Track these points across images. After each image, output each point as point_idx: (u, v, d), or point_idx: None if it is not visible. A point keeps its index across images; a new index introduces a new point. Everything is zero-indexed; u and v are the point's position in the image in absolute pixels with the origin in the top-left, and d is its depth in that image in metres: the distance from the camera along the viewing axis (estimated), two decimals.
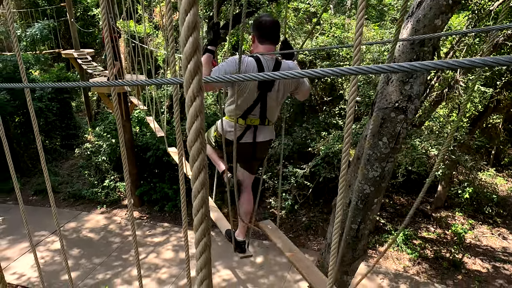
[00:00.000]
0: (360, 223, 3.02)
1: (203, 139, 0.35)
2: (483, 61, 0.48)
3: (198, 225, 0.35)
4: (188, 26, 0.30)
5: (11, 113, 9.51)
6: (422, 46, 2.68)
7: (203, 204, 0.35)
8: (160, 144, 8.17)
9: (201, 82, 0.33)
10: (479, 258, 7.02)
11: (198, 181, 0.34)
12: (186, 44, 0.31)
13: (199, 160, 0.34)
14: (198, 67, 0.32)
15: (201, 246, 0.36)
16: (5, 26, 12.94)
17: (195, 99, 0.33)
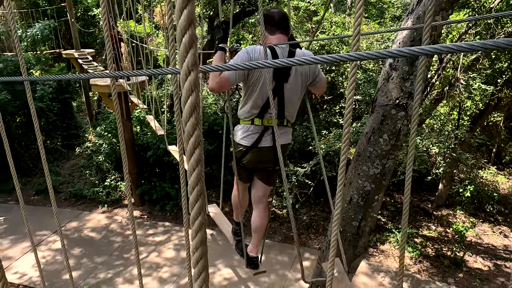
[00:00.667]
0: (361, 220, 3.03)
1: (198, 115, 0.35)
2: (482, 44, 0.48)
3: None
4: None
5: (12, 113, 9.53)
6: (422, 43, 2.68)
7: (198, 181, 0.35)
8: (160, 143, 8.18)
9: (195, 57, 0.33)
10: (480, 256, 7.02)
11: (193, 158, 0.34)
12: (180, 17, 0.31)
13: (194, 136, 0.34)
14: (193, 40, 0.32)
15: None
16: (6, 26, 12.95)
17: (190, 73, 0.33)
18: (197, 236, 0.42)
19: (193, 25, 0.35)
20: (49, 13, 13.48)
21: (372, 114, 2.87)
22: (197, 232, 0.42)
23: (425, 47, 0.52)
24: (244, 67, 0.63)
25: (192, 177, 0.35)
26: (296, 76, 2.21)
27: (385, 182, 3.01)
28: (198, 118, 0.35)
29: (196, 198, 0.35)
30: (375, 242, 7.30)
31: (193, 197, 0.35)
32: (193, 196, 0.35)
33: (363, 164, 2.90)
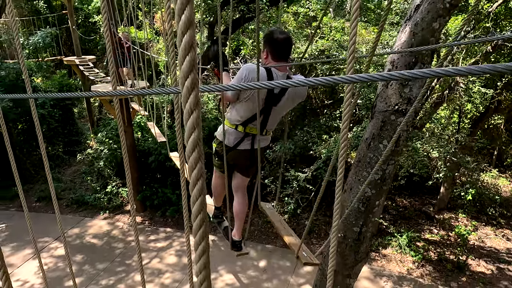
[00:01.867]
0: (362, 225, 3.03)
1: (200, 149, 0.37)
2: (481, 68, 0.49)
3: (197, 229, 0.37)
4: (185, 46, 0.32)
5: (14, 120, 9.58)
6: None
7: (201, 210, 0.36)
8: (162, 149, 8.20)
9: (198, 97, 0.34)
10: (483, 259, 6.99)
11: (196, 188, 0.36)
12: (183, 63, 0.33)
13: (197, 169, 0.36)
14: (194, 83, 0.34)
15: (200, 251, 0.37)
16: (8, 34, 13.05)
17: (193, 112, 0.35)
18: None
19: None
20: (51, 21, 13.59)
21: (372, 120, 2.89)
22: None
23: (415, 71, 0.54)
24: (240, 88, 0.65)
25: (196, 205, 0.36)
26: (287, 101, 2.40)
27: (385, 187, 3.02)
28: (200, 152, 0.36)
29: (200, 225, 0.36)
30: (377, 246, 7.28)
31: (196, 224, 0.36)
32: (197, 223, 0.36)
33: (363, 170, 2.91)
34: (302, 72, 7.73)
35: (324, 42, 7.38)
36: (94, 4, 14.47)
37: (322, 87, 7.80)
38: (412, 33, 2.69)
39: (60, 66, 14.68)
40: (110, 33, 1.11)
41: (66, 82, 11.69)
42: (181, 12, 0.32)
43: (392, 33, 7.47)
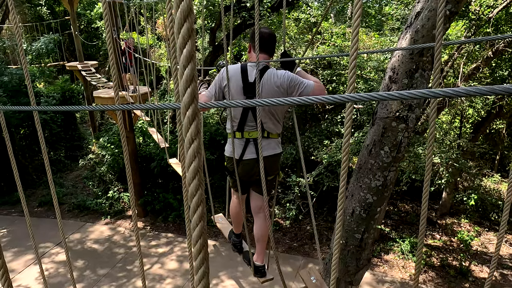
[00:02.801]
0: (364, 232, 3.02)
1: (201, 177, 0.37)
2: (479, 90, 0.50)
3: (197, 254, 0.37)
4: (186, 79, 0.33)
5: (17, 125, 9.63)
6: (421, 56, 2.71)
7: (201, 235, 0.37)
8: (163, 154, 8.22)
9: (198, 126, 0.35)
10: (486, 265, 6.94)
11: (196, 214, 0.36)
12: (184, 95, 0.34)
13: (197, 196, 0.36)
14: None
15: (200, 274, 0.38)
16: (11, 40, 13.15)
17: (193, 141, 0.35)
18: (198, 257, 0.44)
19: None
20: (53, 26, 13.70)
21: (373, 126, 2.89)
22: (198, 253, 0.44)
23: (413, 92, 0.54)
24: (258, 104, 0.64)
25: (196, 231, 0.37)
26: (266, 91, 2.28)
27: (387, 194, 3.01)
28: (201, 179, 0.37)
29: (199, 249, 0.36)
30: (379, 252, 7.24)
31: (196, 249, 0.37)
32: (196, 248, 0.36)
33: (364, 176, 2.90)
34: None
35: (325, 48, 7.41)
36: (97, 10, 14.58)
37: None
38: (412, 39, 2.70)
39: (63, 72, 14.78)
40: (112, 40, 1.12)
41: (68, 87, 11.76)
42: (183, 47, 0.32)
43: (393, 39, 7.50)
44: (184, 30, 0.32)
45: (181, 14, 0.31)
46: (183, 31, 0.32)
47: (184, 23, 0.31)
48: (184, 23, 0.31)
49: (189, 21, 0.31)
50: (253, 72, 2.29)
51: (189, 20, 0.31)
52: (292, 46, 7.80)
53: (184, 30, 0.32)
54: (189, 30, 0.32)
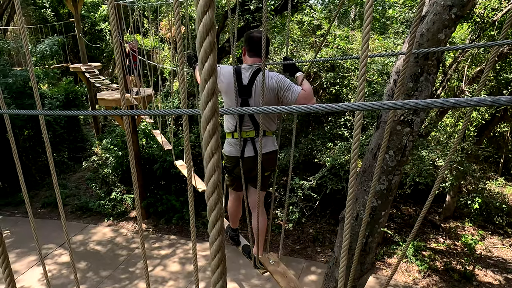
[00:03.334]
0: (368, 236, 3.00)
1: (220, 190, 0.37)
2: (483, 100, 0.50)
3: (215, 268, 0.36)
4: (207, 71, 0.32)
5: (20, 126, 9.67)
6: (426, 60, 2.70)
7: (219, 250, 0.36)
8: (166, 156, 8.23)
9: (218, 141, 0.35)
10: (490, 269, 6.89)
11: (215, 228, 0.36)
12: (205, 109, 0.33)
13: (216, 209, 0.36)
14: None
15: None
16: (16, 42, 13.24)
17: (213, 155, 0.35)
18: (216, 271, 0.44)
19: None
20: (58, 28, 13.78)
21: (377, 130, 2.88)
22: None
23: (419, 101, 0.53)
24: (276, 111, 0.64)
25: (214, 246, 0.36)
26: (259, 93, 2.33)
27: (391, 198, 3.00)
28: (220, 193, 0.37)
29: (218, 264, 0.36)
30: (382, 255, 7.21)
31: (214, 263, 0.36)
32: (215, 262, 0.36)
33: (369, 180, 2.89)
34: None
35: (329, 50, 7.41)
36: (100, 12, 14.67)
37: (326, 95, 7.82)
38: (417, 43, 2.69)
39: (67, 73, 14.85)
40: (120, 44, 1.12)
41: (72, 89, 11.81)
42: (205, 60, 0.32)
43: (396, 41, 7.49)
44: (206, 44, 0.31)
45: (203, 28, 0.31)
46: (205, 45, 0.31)
47: (206, 37, 0.31)
48: (206, 37, 0.31)
49: (211, 35, 0.31)
50: (246, 74, 2.39)
51: (211, 34, 0.31)
52: (296, 49, 7.80)
53: (206, 44, 0.31)
54: (211, 44, 0.31)
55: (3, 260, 0.80)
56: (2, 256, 0.78)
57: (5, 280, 0.99)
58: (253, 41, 2.38)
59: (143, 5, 6.63)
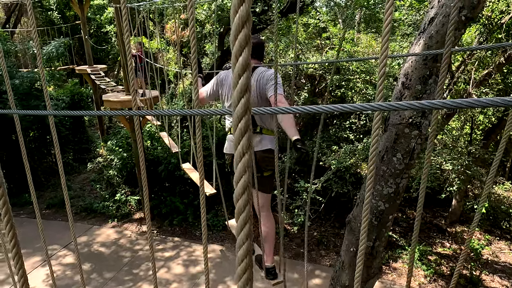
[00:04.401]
0: (375, 240, 2.97)
1: (250, 191, 0.35)
2: (492, 101, 0.48)
3: (241, 274, 0.34)
4: (241, 66, 0.30)
5: (26, 127, 9.72)
6: (435, 62, 2.67)
7: (247, 255, 0.35)
8: (171, 158, 8.23)
9: (250, 139, 0.33)
10: (497, 275, 6.80)
11: (243, 232, 0.34)
12: (238, 105, 0.32)
13: (245, 212, 0.34)
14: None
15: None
16: (22, 44, 13.35)
17: (244, 155, 0.33)
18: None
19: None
20: (64, 31, 13.89)
21: (385, 132, 2.85)
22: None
23: (425, 102, 0.52)
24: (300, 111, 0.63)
25: (241, 250, 0.34)
26: (258, 87, 2.48)
27: (398, 201, 2.96)
28: (249, 194, 0.35)
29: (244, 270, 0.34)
30: (387, 260, 7.15)
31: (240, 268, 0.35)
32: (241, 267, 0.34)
33: (376, 184, 2.86)
34: (311, 83, 7.73)
35: (334, 53, 7.38)
36: (106, 14, 14.76)
37: (332, 98, 7.79)
38: (426, 45, 2.67)
39: (72, 75, 14.94)
40: (124, 47, 1.11)
41: (77, 90, 11.87)
42: (239, 54, 0.31)
43: (403, 44, 7.45)
44: (241, 36, 0.30)
45: (239, 20, 0.29)
46: (240, 38, 0.30)
47: (242, 29, 0.29)
48: (242, 29, 0.29)
49: (247, 27, 0.30)
50: None
51: (247, 26, 0.29)
52: (301, 51, 7.79)
53: (241, 36, 0.30)
54: (246, 37, 0.30)
55: (17, 261, 0.80)
56: (17, 257, 0.77)
57: (18, 281, 0.98)
58: (252, 44, 2.49)
59: (149, 7, 6.66)
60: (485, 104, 0.60)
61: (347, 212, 3.38)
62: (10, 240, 0.93)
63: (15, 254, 0.78)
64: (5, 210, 0.89)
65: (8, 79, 1.47)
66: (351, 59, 6.69)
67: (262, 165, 2.57)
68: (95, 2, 15.27)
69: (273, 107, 0.58)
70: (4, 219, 0.91)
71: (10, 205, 0.91)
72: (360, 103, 0.57)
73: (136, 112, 0.72)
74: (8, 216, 0.88)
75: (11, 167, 9.16)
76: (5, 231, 0.92)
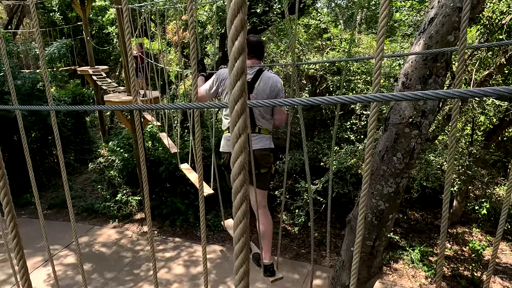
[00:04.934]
0: (375, 239, 2.97)
1: (246, 173, 0.36)
2: (495, 90, 0.49)
3: (238, 253, 0.36)
4: (237, 71, 0.32)
5: (28, 128, 9.76)
6: (435, 62, 2.68)
7: (243, 233, 0.35)
8: (172, 158, 8.24)
9: (246, 121, 0.34)
10: (498, 276, 6.79)
11: (240, 211, 0.35)
12: (234, 88, 0.33)
13: (242, 191, 0.35)
14: (244, 107, 0.33)
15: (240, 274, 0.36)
16: (24, 45, 13.41)
17: (241, 135, 0.34)
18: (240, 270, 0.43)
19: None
20: (66, 32, 13.94)
21: (385, 132, 2.86)
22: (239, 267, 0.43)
23: (429, 92, 0.53)
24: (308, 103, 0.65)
25: (238, 229, 0.35)
26: (261, 90, 2.63)
27: (398, 201, 2.97)
28: (246, 175, 0.36)
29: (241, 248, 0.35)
30: (388, 260, 7.14)
31: (238, 247, 0.35)
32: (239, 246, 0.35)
33: (376, 183, 2.87)
34: (312, 84, 7.74)
35: (335, 54, 7.40)
36: (108, 16, 14.81)
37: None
38: (426, 45, 2.67)
39: (74, 76, 14.99)
40: (127, 48, 1.12)
41: (79, 91, 11.92)
42: (235, 38, 0.32)
43: (403, 45, 7.46)
44: (237, 21, 0.31)
45: (235, 5, 0.30)
46: (236, 22, 0.31)
47: (237, 14, 0.31)
48: (237, 14, 0.31)
49: (243, 12, 0.31)
50: (250, 72, 2.66)
51: (243, 11, 0.31)
52: (302, 52, 7.80)
53: (237, 21, 0.31)
54: (242, 21, 0.31)
55: (19, 259, 0.81)
56: (21, 261, 0.78)
57: (20, 278, 0.99)
58: (251, 44, 2.62)
59: (150, 8, 6.70)
60: (477, 94, 0.61)
61: (348, 212, 3.39)
62: (13, 238, 0.94)
63: (17, 253, 0.79)
64: (8, 209, 0.90)
65: (11, 77, 1.48)
66: (349, 58, 6.69)
67: (262, 162, 2.70)
68: (97, 3, 15.33)
69: (271, 100, 0.60)
70: (7, 218, 0.92)
71: (13, 204, 0.92)
72: (355, 95, 0.58)
73: (135, 106, 0.73)
74: (11, 215, 0.90)
75: (13, 168, 9.19)
76: (8, 230, 0.93)
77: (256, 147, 2.61)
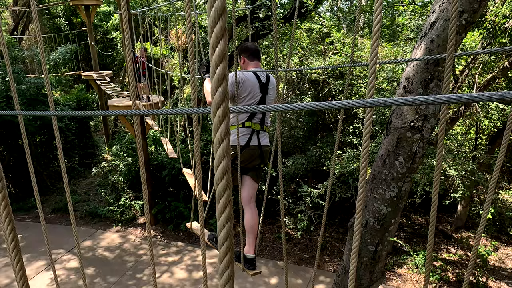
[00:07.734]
0: (378, 244, 2.95)
1: (229, 177, 0.37)
2: (496, 95, 0.49)
3: (222, 256, 0.36)
4: (218, 78, 0.33)
5: (33, 132, 9.84)
6: (437, 66, 2.68)
7: (227, 237, 0.36)
8: (175, 163, 8.26)
9: (228, 127, 0.35)
10: (504, 281, 6.70)
11: (223, 215, 0.36)
12: (215, 94, 0.33)
13: (225, 196, 0.36)
14: (226, 113, 0.34)
15: (225, 277, 0.37)
16: (30, 50, 13.56)
17: (223, 141, 0.35)
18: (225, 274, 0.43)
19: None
20: (71, 37, 14.09)
21: (387, 136, 2.85)
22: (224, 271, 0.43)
23: (430, 97, 0.53)
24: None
25: (222, 233, 0.36)
26: (271, 91, 2.88)
27: (401, 205, 2.95)
28: (229, 179, 0.36)
29: (225, 252, 0.36)
30: (392, 265, 7.08)
31: (222, 251, 0.36)
32: (223, 250, 0.36)
33: (378, 187, 2.86)
34: (315, 88, 7.75)
35: (338, 58, 7.41)
36: (112, 21, 14.96)
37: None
38: (427, 49, 2.68)
39: (78, 81, 15.13)
40: (132, 52, 1.13)
41: (83, 96, 12.01)
42: (215, 46, 0.33)
43: (406, 49, 7.46)
44: (218, 28, 0.32)
45: (215, 13, 0.31)
46: (216, 30, 0.32)
47: (217, 22, 0.31)
48: (217, 22, 0.31)
49: (223, 20, 0.32)
50: (261, 75, 2.87)
51: (223, 19, 0.31)
52: (304, 56, 7.82)
53: (217, 28, 0.32)
54: (222, 29, 0.32)
55: (18, 266, 0.81)
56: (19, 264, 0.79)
57: (18, 281, 1.00)
58: (254, 50, 2.92)
59: (153, 14, 6.76)
60: (478, 99, 0.61)
61: (351, 217, 3.38)
62: (10, 241, 0.95)
63: (15, 256, 0.80)
64: (6, 212, 0.91)
65: (14, 82, 1.50)
66: (349, 64, 6.71)
67: (267, 156, 2.90)
68: (102, 9, 15.50)
69: (276, 105, 0.62)
70: (5, 222, 0.93)
71: (11, 207, 0.93)
72: (354, 100, 0.58)
73: (136, 112, 0.74)
74: (9, 218, 0.90)
75: (18, 172, 9.26)
76: (6, 232, 0.94)
77: (264, 143, 2.87)
